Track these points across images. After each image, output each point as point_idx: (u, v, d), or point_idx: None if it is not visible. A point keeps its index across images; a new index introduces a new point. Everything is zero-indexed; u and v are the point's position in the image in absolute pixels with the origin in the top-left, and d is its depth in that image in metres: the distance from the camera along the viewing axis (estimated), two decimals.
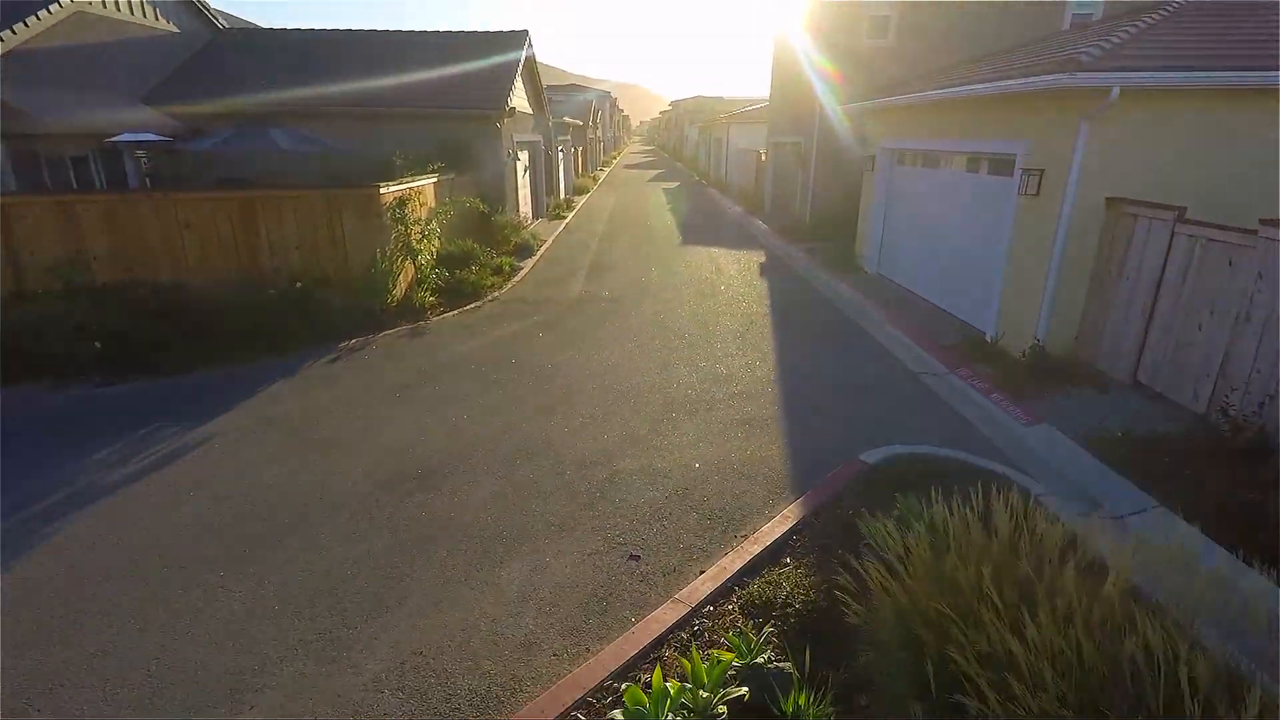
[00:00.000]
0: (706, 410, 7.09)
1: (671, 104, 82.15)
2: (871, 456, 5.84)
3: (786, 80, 19.66)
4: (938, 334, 9.63)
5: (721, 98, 59.02)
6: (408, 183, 11.17)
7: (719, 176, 36.86)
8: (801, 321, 10.61)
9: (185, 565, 4.58)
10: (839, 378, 8.11)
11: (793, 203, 20.85)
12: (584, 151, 38.30)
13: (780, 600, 3.94)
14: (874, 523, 4.54)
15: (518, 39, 17.85)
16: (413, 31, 18.69)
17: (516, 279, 13.33)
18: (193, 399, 7.30)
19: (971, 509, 3.58)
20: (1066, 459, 6.18)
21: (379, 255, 9.98)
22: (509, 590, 4.32)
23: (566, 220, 21.93)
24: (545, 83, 22.15)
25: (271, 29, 19.66)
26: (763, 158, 25.06)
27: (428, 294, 10.90)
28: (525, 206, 20.08)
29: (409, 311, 10.51)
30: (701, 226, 21.05)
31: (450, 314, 10.77)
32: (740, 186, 29.50)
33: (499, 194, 16.02)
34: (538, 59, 19.52)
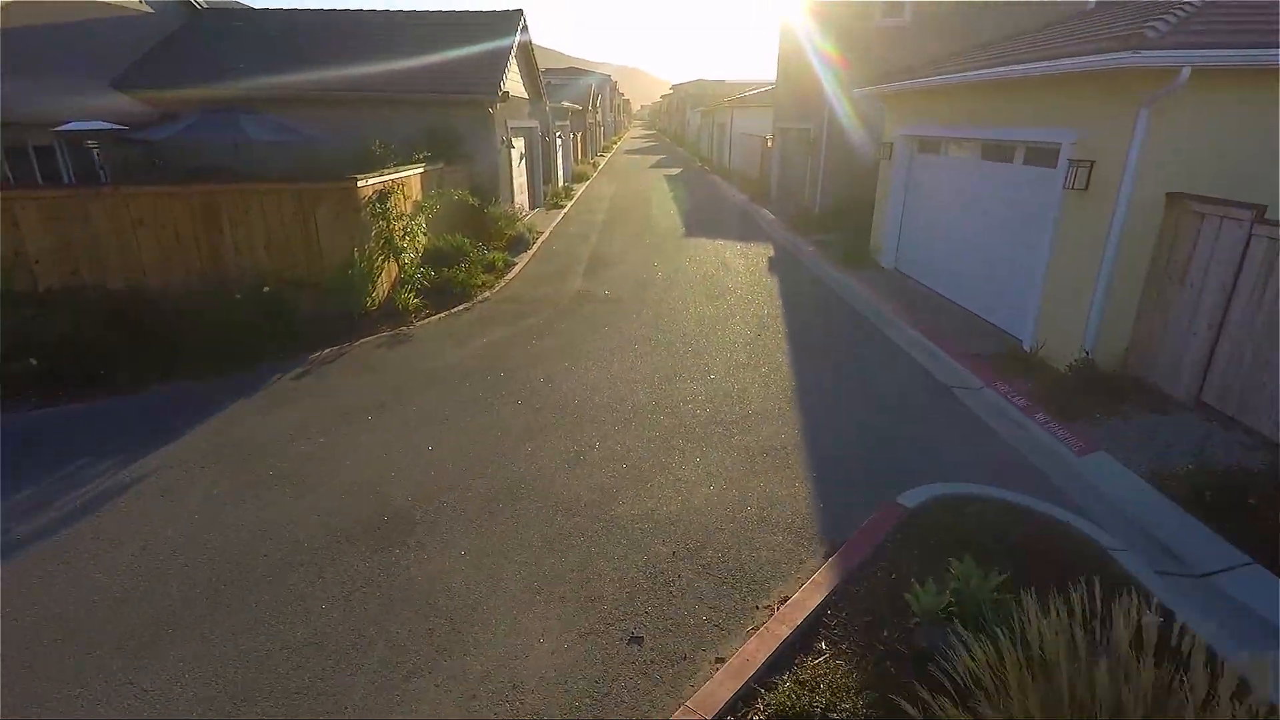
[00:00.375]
0: (719, 436, 6.27)
1: (673, 88, 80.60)
2: (910, 499, 5.03)
3: (793, 63, 18.66)
4: (967, 341, 8.78)
5: (724, 81, 57.72)
6: (390, 174, 10.30)
7: (722, 163, 35.81)
8: (818, 326, 9.77)
9: (91, 648, 3.78)
10: (864, 393, 7.29)
11: (800, 191, 19.90)
12: (583, 137, 37.19)
13: (818, 712, 3.14)
14: (926, 598, 3.76)
15: (512, 20, 16.87)
16: (401, 12, 17.70)
17: (510, 275, 12.46)
18: (138, 423, 6.47)
19: (1070, 610, 2.79)
20: (1130, 497, 5.37)
21: (357, 254, 9.14)
22: (481, 687, 3.53)
23: (565, 210, 20.99)
24: (542, 66, 21.14)
25: (251, 9, 18.64)
26: (768, 144, 24.05)
27: (412, 295, 10.03)
28: (521, 196, 19.17)
29: (391, 315, 9.67)
30: (705, 216, 20.10)
31: (436, 317, 9.92)
32: (744, 174, 28.49)
33: (492, 184, 15.12)
34: (534, 41, 18.53)
